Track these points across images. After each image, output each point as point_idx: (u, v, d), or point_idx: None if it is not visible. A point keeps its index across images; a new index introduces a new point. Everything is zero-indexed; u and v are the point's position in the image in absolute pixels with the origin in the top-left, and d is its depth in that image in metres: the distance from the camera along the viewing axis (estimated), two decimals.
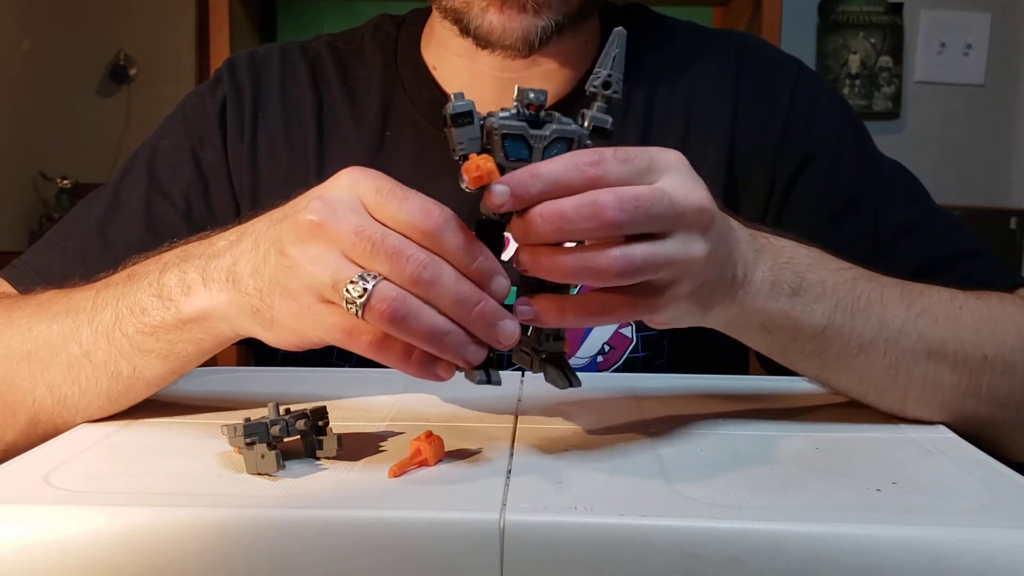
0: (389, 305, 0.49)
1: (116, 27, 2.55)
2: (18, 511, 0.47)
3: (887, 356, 0.65)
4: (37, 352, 0.65)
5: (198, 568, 0.46)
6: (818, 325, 0.63)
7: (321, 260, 0.51)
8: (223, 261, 0.58)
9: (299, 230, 0.52)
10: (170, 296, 0.60)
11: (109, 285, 0.65)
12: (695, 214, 0.53)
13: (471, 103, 0.51)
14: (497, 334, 0.51)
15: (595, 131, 0.54)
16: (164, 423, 0.64)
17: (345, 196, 0.52)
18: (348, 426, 0.62)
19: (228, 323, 0.59)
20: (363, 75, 0.89)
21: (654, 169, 0.53)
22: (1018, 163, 2.60)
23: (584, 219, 0.50)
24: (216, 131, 0.87)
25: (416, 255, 0.50)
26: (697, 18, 0.97)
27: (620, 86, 0.55)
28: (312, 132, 0.87)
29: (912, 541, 0.45)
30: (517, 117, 0.52)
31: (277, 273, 0.54)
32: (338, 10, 2.54)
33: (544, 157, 0.52)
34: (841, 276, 0.65)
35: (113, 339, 0.62)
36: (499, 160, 0.51)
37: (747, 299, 0.60)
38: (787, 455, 0.58)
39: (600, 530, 0.45)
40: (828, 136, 0.87)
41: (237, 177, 0.87)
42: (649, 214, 0.51)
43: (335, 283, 0.50)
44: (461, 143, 0.51)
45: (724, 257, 0.57)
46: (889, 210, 0.84)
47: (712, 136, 0.86)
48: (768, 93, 0.87)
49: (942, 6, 2.56)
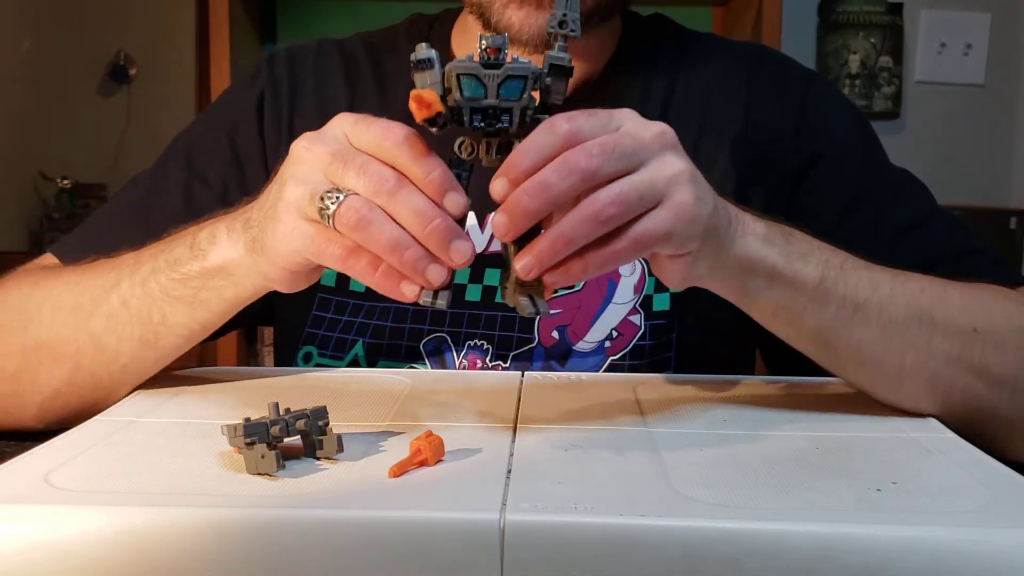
0: (356, 212, 0.55)
1: (116, 27, 2.55)
2: (18, 511, 0.47)
3: (880, 318, 0.67)
4: (82, 304, 0.72)
5: (198, 568, 0.46)
6: (815, 276, 0.65)
7: (304, 180, 0.58)
8: (245, 213, 0.66)
9: (291, 157, 0.60)
10: (200, 247, 0.67)
11: (153, 246, 0.72)
12: (657, 137, 0.58)
13: (432, 51, 0.56)
14: (450, 252, 0.55)
15: (552, 68, 0.58)
16: (164, 423, 0.64)
17: (330, 130, 0.60)
18: (348, 426, 0.62)
19: (244, 272, 0.65)
20: (395, 68, 0.92)
21: (615, 117, 0.58)
22: (1018, 163, 2.60)
23: (563, 177, 0.54)
24: (253, 119, 0.90)
25: (380, 170, 0.57)
26: (697, 18, 0.99)
27: (576, 24, 0.58)
28: None
29: (912, 541, 0.45)
30: (476, 60, 0.56)
31: (272, 200, 0.61)
32: (338, 10, 2.54)
33: (499, 94, 0.56)
34: (822, 243, 0.68)
35: (147, 287, 0.69)
36: (457, 98, 0.56)
37: (744, 242, 0.63)
38: (787, 455, 0.58)
39: (600, 530, 0.45)
40: (836, 137, 0.88)
41: (273, 165, 0.88)
42: (616, 151, 0.56)
43: (312, 196, 0.57)
44: (425, 84, 0.56)
45: (707, 187, 0.61)
46: (892, 210, 0.85)
47: (725, 136, 0.87)
48: (781, 97, 0.89)
49: (942, 6, 2.56)
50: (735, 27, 2.35)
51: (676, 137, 0.60)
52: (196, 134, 0.92)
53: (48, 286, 0.75)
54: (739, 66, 0.91)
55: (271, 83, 0.91)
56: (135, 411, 0.67)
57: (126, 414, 0.66)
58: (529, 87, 0.56)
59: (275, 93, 0.91)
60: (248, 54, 2.26)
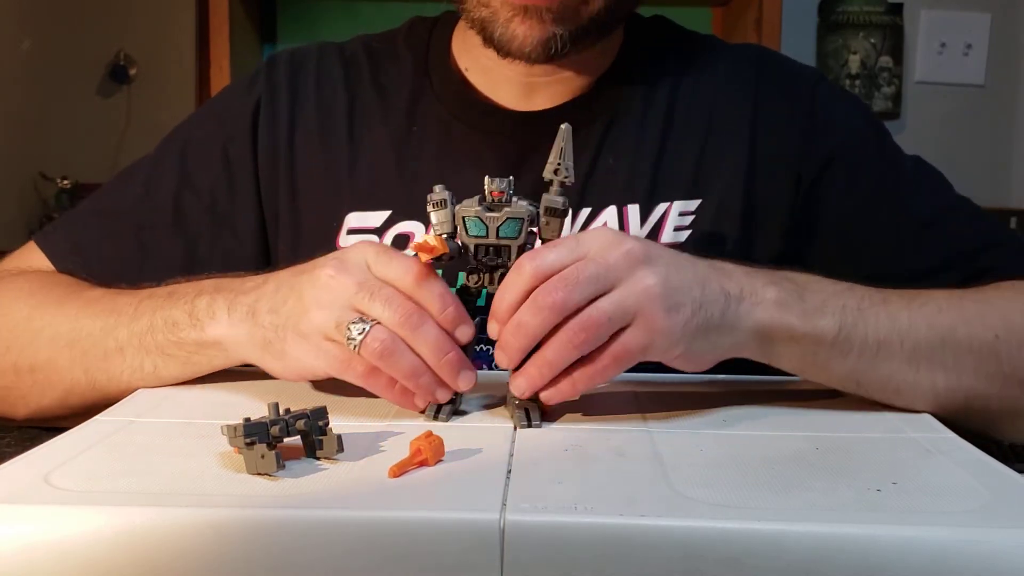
0: (381, 343, 0.61)
1: (116, 27, 2.55)
2: (18, 511, 0.47)
3: (904, 348, 0.68)
4: (80, 341, 0.75)
5: (198, 568, 0.46)
6: (833, 328, 0.67)
7: (329, 306, 0.63)
8: (248, 298, 0.69)
9: (315, 281, 0.64)
10: (198, 317, 0.71)
11: (152, 296, 0.75)
12: (624, 256, 0.62)
13: (447, 192, 0.65)
14: (458, 380, 0.63)
15: (548, 210, 0.65)
16: (164, 423, 0.64)
17: (354, 259, 0.65)
18: (348, 426, 0.62)
19: (239, 350, 0.69)
20: (394, 74, 0.92)
21: (581, 242, 0.63)
22: (1018, 163, 2.60)
23: (535, 315, 0.60)
24: (247, 129, 0.90)
25: (405, 304, 0.62)
26: (697, 18, 0.99)
27: (570, 172, 0.65)
28: (344, 130, 0.89)
29: (912, 541, 0.45)
30: (481, 201, 0.65)
31: (293, 314, 0.65)
32: (338, 10, 2.55)
33: (499, 234, 0.64)
34: (837, 286, 0.69)
35: (144, 342, 0.73)
36: (462, 236, 0.65)
37: (756, 313, 0.65)
38: (787, 455, 0.58)
39: (600, 530, 0.46)
40: (848, 136, 0.88)
41: (266, 175, 0.89)
42: (582, 280, 0.60)
43: (339, 324, 0.62)
44: (437, 223, 0.65)
45: (692, 279, 0.63)
46: (912, 205, 0.85)
47: (732, 142, 0.87)
48: (787, 99, 0.88)
49: (942, 6, 2.56)
50: (735, 27, 2.35)
51: (647, 249, 0.63)
52: (193, 136, 0.92)
53: (48, 313, 0.78)
54: (743, 69, 0.90)
55: (269, 89, 0.91)
56: (135, 411, 0.67)
57: (126, 414, 0.66)
58: (526, 226, 0.65)
59: (273, 100, 0.91)
60: (248, 54, 2.27)
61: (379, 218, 0.86)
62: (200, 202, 0.88)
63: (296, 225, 0.88)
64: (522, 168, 0.80)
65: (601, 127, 0.87)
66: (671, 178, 0.85)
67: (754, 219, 0.86)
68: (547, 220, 0.65)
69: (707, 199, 0.85)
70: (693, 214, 0.85)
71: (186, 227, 0.88)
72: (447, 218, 0.65)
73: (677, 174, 0.86)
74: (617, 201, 0.85)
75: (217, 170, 0.89)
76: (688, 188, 0.85)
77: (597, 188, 0.85)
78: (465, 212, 0.64)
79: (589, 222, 0.85)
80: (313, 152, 0.89)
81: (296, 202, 0.88)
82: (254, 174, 0.89)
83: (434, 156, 0.87)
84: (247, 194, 0.89)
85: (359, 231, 0.86)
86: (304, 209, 0.88)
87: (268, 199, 0.89)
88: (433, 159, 0.87)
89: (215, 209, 0.88)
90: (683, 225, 0.84)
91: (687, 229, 0.84)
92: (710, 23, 2.54)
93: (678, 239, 0.84)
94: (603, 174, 0.86)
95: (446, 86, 0.90)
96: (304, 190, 0.89)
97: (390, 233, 0.85)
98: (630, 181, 0.85)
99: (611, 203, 0.85)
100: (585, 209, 0.85)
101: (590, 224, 0.84)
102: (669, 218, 0.84)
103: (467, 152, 0.86)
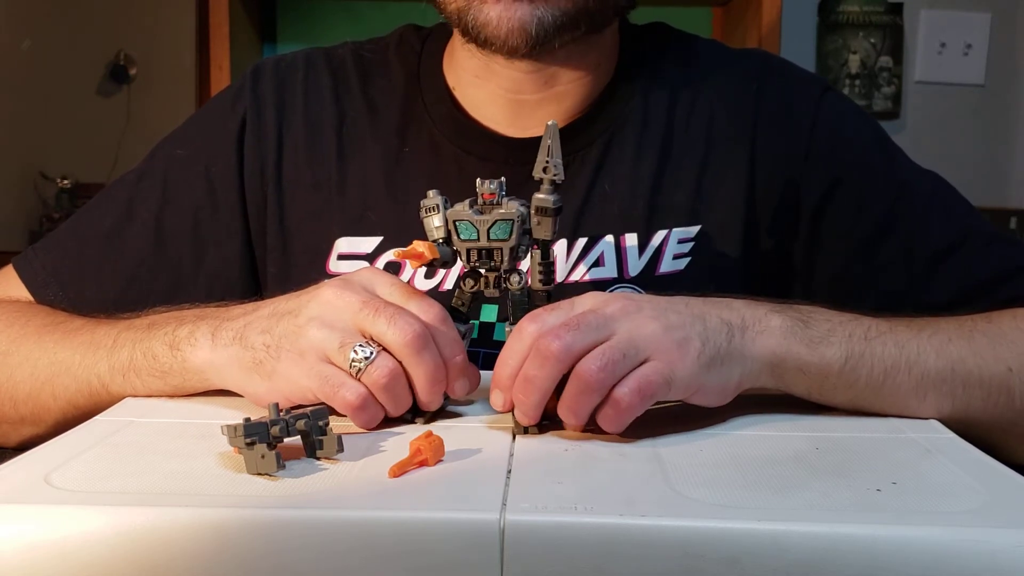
0: (389, 375, 0.61)
1: (116, 27, 2.55)
2: (18, 511, 0.47)
3: (912, 376, 0.67)
4: (60, 376, 0.73)
5: (198, 568, 0.46)
6: (840, 356, 0.66)
7: (331, 324, 0.62)
8: (236, 323, 0.67)
9: (319, 301, 0.63)
10: (179, 347, 0.68)
11: (131, 328, 0.73)
12: (620, 309, 0.61)
13: (439, 197, 0.65)
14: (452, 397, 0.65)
15: (539, 210, 0.64)
16: (164, 423, 0.64)
17: (357, 279, 0.64)
18: (348, 426, 0.62)
19: (221, 374, 0.66)
20: (385, 87, 0.88)
21: (576, 304, 0.62)
22: (1018, 163, 2.60)
23: (541, 366, 0.59)
24: (233, 149, 0.86)
25: (413, 323, 0.61)
26: (697, 18, 0.97)
27: (559, 169, 0.65)
28: (333, 147, 0.86)
29: (912, 541, 0.45)
30: (472, 204, 0.65)
31: (289, 332, 0.63)
32: (338, 11, 2.54)
33: (489, 236, 0.64)
34: (843, 316, 0.69)
35: (127, 377, 0.71)
36: (455, 241, 0.65)
37: (760, 339, 0.65)
38: (787, 455, 0.58)
39: (600, 530, 0.46)
40: (854, 158, 0.84)
41: (253, 194, 0.86)
42: (583, 326, 0.59)
43: (342, 345, 0.61)
44: (431, 228, 0.66)
45: (689, 316, 0.63)
46: (924, 234, 0.81)
47: (732, 155, 0.84)
48: (790, 112, 0.85)
49: (942, 6, 2.56)
50: (735, 27, 2.35)
51: (640, 300, 0.63)
52: (176, 155, 0.88)
53: (25, 347, 0.76)
54: (746, 82, 0.86)
55: (255, 105, 0.87)
56: (135, 411, 0.67)
57: (126, 414, 0.66)
58: (517, 228, 0.64)
59: (259, 116, 0.87)
60: (248, 54, 2.27)
61: (370, 244, 0.84)
62: (183, 225, 0.85)
63: (285, 247, 0.86)
64: (518, 195, 0.78)
65: (597, 153, 0.84)
66: (669, 205, 0.83)
67: (756, 246, 0.83)
68: (538, 220, 0.65)
69: (707, 225, 0.83)
70: (692, 240, 0.83)
71: (168, 251, 0.85)
72: (441, 223, 0.65)
73: (675, 200, 0.83)
74: (614, 230, 0.82)
75: (201, 192, 0.86)
76: (687, 214, 0.83)
77: (593, 217, 0.83)
78: (456, 216, 0.65)
79: (586, 252, 0.82)
80: (301, 170, 0.86)
81: (285, 222, 0.86)
82: (240, 193, 0.86)
83: (425, 178, 0.84)
84: (232, 215, 0.86)
85: (350, 257, 0.84)
86: (293, 229, 0.86)
87: (255, 219, 0.86)
88: (424, 181, 0.82)
89: (198, 231, 0.85)
90: (682, 252, 0.82)
91: (686, 256, 0.82)
92: (710, 23, 2.54)
93: (677, 267, 0.82)
94: (599, 202, 0.83)
95: (437, 104, 0.86)
96: (292, 210, 0.86)
97: (381, 260, 0.83)
98: (627, 209, 0.83)
99: (608, 232, 0.82)
100: (581, 239, 0.82)
101: (587, 255, 0.82)
102: (668, 246, 0.82)
103: (458, 175, 0.83)
